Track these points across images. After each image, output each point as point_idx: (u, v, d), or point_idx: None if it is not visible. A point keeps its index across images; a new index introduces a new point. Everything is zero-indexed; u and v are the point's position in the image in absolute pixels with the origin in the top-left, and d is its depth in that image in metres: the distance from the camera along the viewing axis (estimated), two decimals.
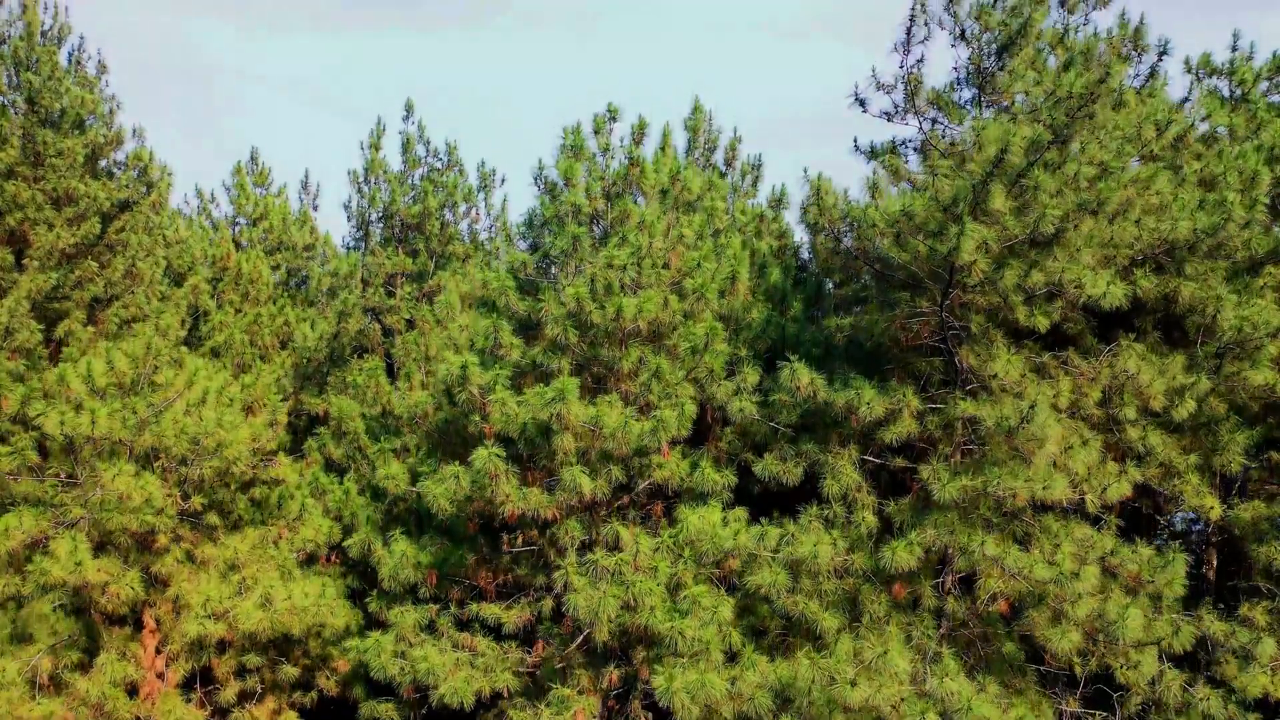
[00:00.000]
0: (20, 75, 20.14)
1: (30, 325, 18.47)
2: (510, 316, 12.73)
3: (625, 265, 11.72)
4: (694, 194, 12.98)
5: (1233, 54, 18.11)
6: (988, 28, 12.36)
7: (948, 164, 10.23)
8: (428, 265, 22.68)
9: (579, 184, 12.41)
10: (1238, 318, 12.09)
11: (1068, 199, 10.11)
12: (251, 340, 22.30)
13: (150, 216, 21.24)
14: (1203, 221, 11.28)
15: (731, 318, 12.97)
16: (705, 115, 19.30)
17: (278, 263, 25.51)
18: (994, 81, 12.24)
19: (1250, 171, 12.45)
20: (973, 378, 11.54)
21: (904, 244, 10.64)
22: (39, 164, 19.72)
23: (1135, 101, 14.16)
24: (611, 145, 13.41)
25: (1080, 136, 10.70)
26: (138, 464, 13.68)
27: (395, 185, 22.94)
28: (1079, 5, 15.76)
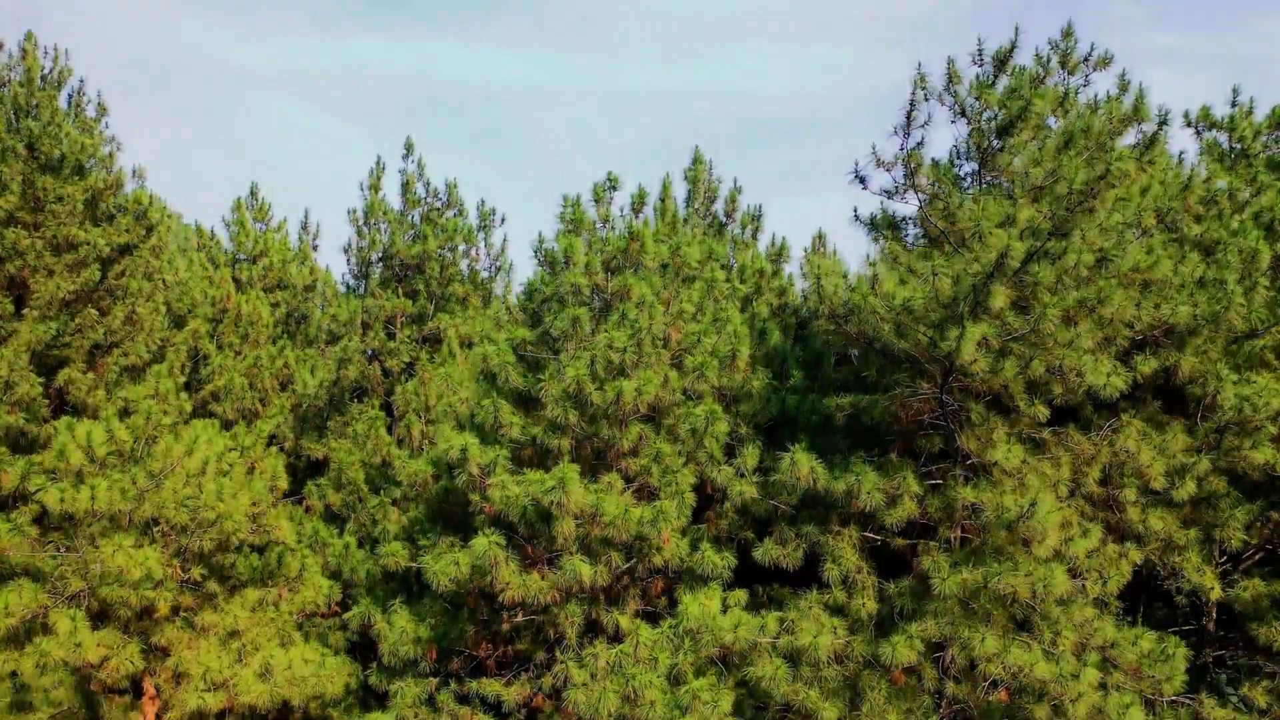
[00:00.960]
0: (20, 122, 20.18)
1: (30, 378, 18.48)
2: (510, 392, 12.73)
3: (625, 348, 11.72)
4: (693, 267, 12.98)
5: (1232, 109, 18.15)
6: (987, 105, 12.36)
7: (947, 265, 10.22)
8: (427, 307, 22.68)
9: (579, 261, 12.41)
10: (1238, 397, 12.09)
11: (1068, 296, 10.11)
12: (251, 383, 22.32)
13: (150, 261, 21.26)
14: (1203, 308, 11.29)
15: (732, 394, 12.97)
16: (705, 165, 19.31)
17: (278, 300, 25.49)
18: (995, 160, 12.24)
19: (1250, 249, 12.46)
20: (973, 459, 11.55)
21: (904, 334, 10.65)
22: (39, 209, 19.73)
23: (1135, 169, 14.18)
24: (611, 216, 13.41)
25: (1081, 224, 10.70)
26: (138, 532, 13.69)
27: (395, 226, 22.95)
28: (1079, 66, 15.80)
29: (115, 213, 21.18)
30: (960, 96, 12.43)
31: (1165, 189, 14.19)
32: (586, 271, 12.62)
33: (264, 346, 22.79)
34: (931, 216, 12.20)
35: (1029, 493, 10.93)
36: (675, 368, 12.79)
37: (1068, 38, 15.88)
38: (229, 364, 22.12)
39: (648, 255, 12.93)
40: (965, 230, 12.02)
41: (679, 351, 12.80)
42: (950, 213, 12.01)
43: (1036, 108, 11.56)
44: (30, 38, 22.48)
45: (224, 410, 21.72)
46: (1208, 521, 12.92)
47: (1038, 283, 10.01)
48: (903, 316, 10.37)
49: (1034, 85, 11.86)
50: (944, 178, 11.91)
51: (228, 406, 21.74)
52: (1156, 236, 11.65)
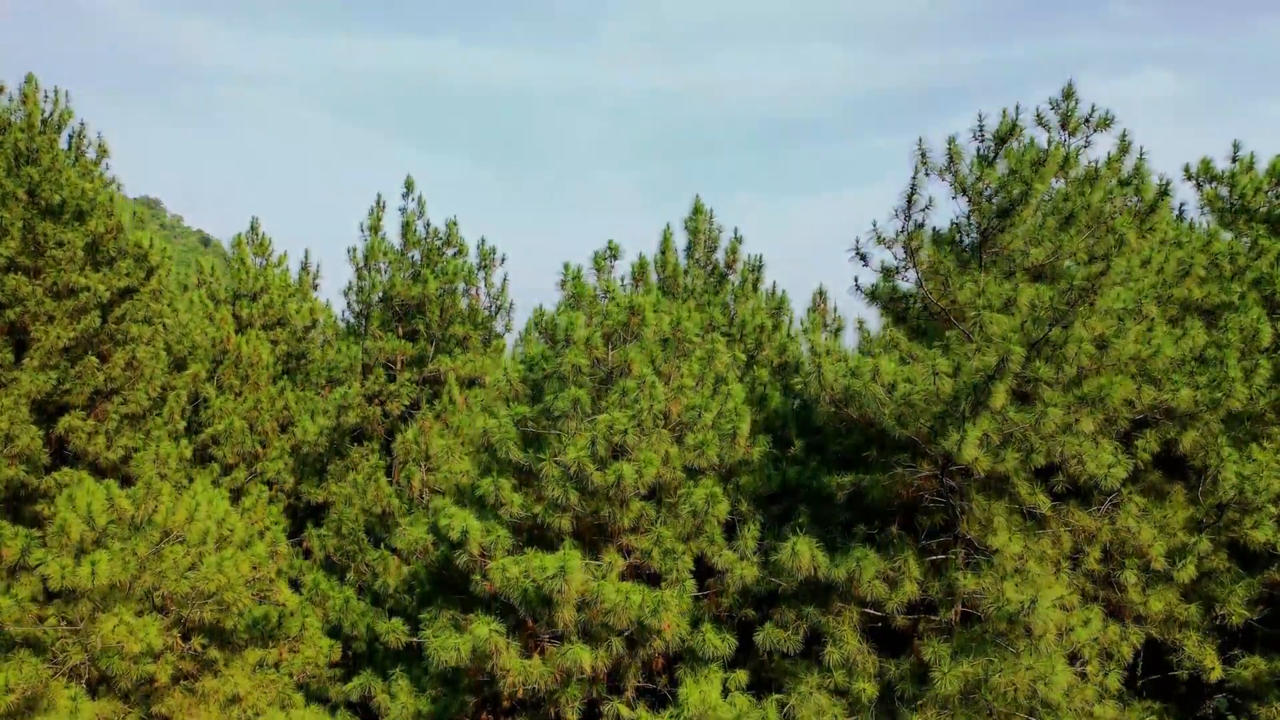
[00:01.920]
0: (21, 168, 20.16)
1: (30, 430, 18.48)
2: (511, 465, 12.73)
3: (626, 429, 11.71)
4: (693, 342, 12.98)
5: (1233, 164, 18.15)
6: (988, 184, 12.36)
7: (947, 361, 10.22)
8: (427, 349, 22.67)
9: (579, 337, 12.40)
10: (1238, 476, 12.09)
11: (1069, 393, 10.11)
12: (251, 426, 22.30)
13: (150, 304, 21.25)
14: (1204, 394, 11.29)
15: (732, 466, 12.97)
16: (706, 215, 19.29)
17: (277, 338, 25.49)
18: (996, 238, 12.24)
19: (1251, 327, 12.46)
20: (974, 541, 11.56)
21: (905, 424, 10.64)
22: (40, 254, 19.72)
23: (1135, 238, 14.17)
24: (613, 287, 13.40)
25: (1082, 314, 10.70)
26: (138, 602, 13.70)
27: (395, 268, 22.95)
28: (1080, 128, 15.80)
29: (116, 256, 21.16)
30: (961, 175, 12.43)
31: (1166, 258, 14.21)
32: (587, 346, 12.61)
33: (264, 389, 22.77)
34: (932, 295, 12.20)
35: (1030, 581, 10.94)
36: (676, 442, 12.79)
37: (1068, 99, 15.91)
38: (229, 407, 22.11)
39: (648, 328, 12.92)
40: (966, 310, 12.03)
41: (679, 425, 12.80)
42: (951, 294, 12.00)
43: (1037, 191, 11.55)
44: (31, 80, 22.50)
45: (224, 454, 21.71)
46: (1208, 595, 12.93)
47: (1038, 379, 10.00)
48: (903, 409, 10.36)
49: (1035, 167, 11.85)
50: (945, 258, 11.91)
51: (228, 450, 21.73)
52: (1158, 320, 11.64)
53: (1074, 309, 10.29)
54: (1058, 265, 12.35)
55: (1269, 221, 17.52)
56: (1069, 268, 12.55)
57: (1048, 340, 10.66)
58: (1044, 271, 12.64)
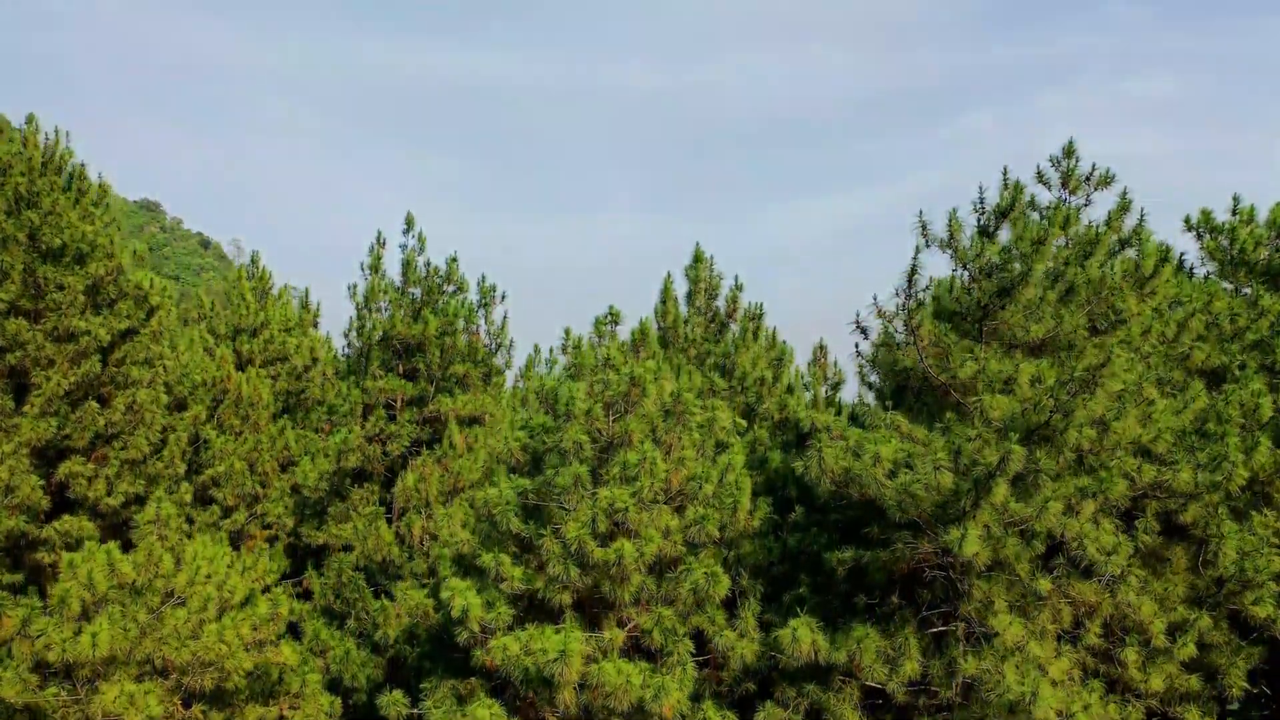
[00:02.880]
0: (23, 212, 20.15)
1: (31, 480, 18.50)
2: (511, 536, 12.75)
3: (627, 507, 11.73)
4: (694, 414, 12.99)
5: (1233, 216, 18.16)
6: (988, 259, 12.37)
7: (947, 456, 10.24)
8: (428, 389, 22.67)
9: (580, 410, 12.40)
10: (1239, 552, 12.10)
11: (1070, 483, 10.13)
12: (252, 467, 22.30)
13: (150, 346, 21.24)
14: (1204, 476, 11.30)
15: (734, 540, 12.99)
16: (707, 263, 19.33)
17: (277, 372, 25.50)
18: (996, 314, 12.25)
19: (1251, 403, 12.47)
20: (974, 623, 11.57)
21: (906, 510, 10.66)
22: (40, 297, 19.73)
23: (1136, 304, 14.18)
24: (614, 355, 13.40)
25: (1082, 401, 10.71)
26: (139, 667, 13.71)
27: (395, 307, 22.94)
28: (1080, 186, 15.81)
29: (116, 298, 21.16)
30: (961, 248, 12.44)
31: (1167, 322, 14.23)
32: (588, 417, 12.62)
33: (265, 429, 22.77)
34: (933, 370, 12.21)
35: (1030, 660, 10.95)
36: (677, 511, 12.81)
37: (1069, 156, 15.93)
38: (229, 448, 22.10)
39: (649, 399, 12.92)
40: (967, 386, 12.05)
41: (680, 495, 12.81)
42: (952, 369, 12.02)
43: (1037, 272, 11.56)
44: (32, 121, 22.50)
45: (224, 496, 21.71)
46: (1209, 665, 12.94)
47: (1039, 470, 10.02)
48: (904, 497, 10.38)
49: (1035, 246, 11.86)
50: (946, 335, 11.92)
51: (228, 492, 21.73)
52: (1158, 400, 11.65)
53: (1075, 398, 10.30)
54: (1059, 338, 12.36)
55: (1269, 274, 17.54)
56: (1070, 340, 12.55)
57: (1048, 423, 10.67)
58: (1046, 343, 12.65)
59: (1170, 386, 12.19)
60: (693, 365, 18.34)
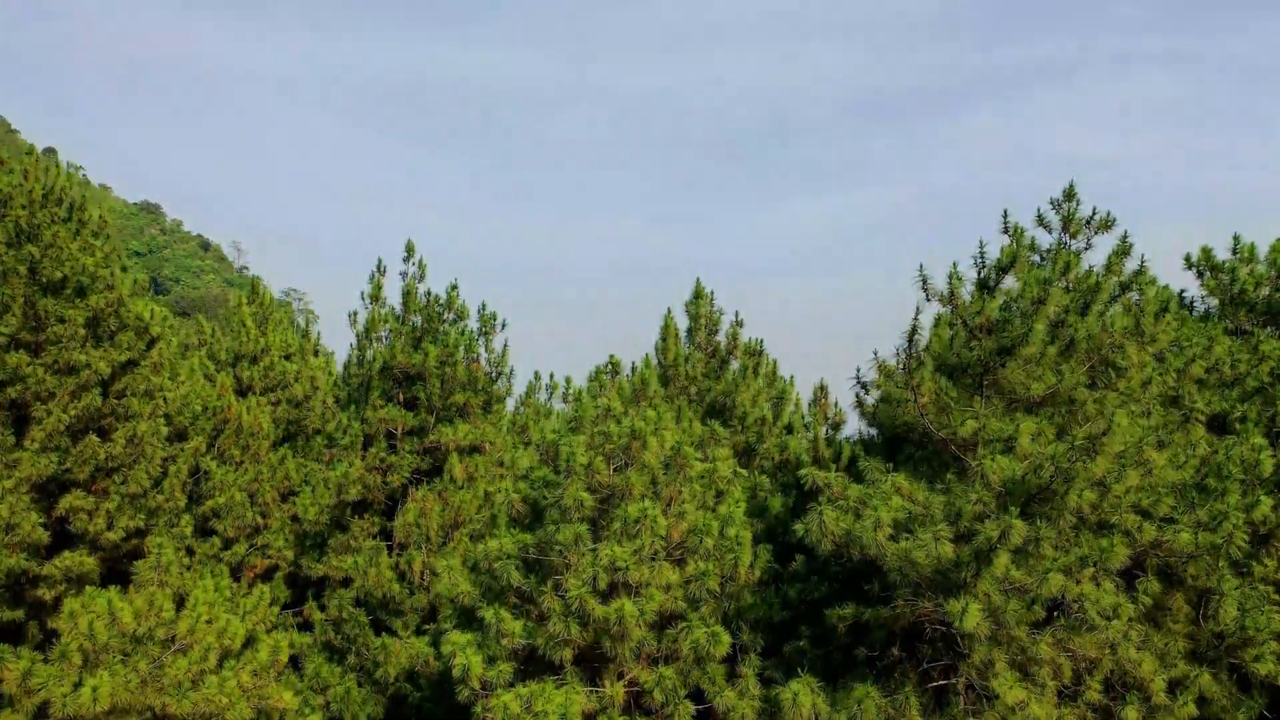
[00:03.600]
0: (23, 245, 20.15)
1: (31, 518, 18.52)
2: (512, 588, 12.76)
3: (627, 565, 11.74)
4: (695, 468, 13.00)
5: (1233, 255, 18.16)
6: (988, 316, 12.37)
7: (948, 528, 10.25)
8: (428, 420, 22.68)
9: (580, 465, 12.41)
10: (1239, 609, 12.10)
11: (1071, 553, 10.14)
12: (252, 498, 22.31)
13: (150, 378, 21.25)
14: (1205, 537, 11.31)
15: (735, 594, 13.01)
16: (707, 299, 19.34)
17: (278, 399, 25.52)
18: (996, 372, 12.25)
19: (1252, 459, 12.48)
20: None
21: (907, 574, 10.67)
22: (40, 330, 19.75)
23: (1136, 353, 14.17)
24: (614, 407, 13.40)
25: (1082, 465, 10.71)
26: (139, 717, 13.72)
27: (395, 337, 22.95)
28: (1081, 230, 15.81)
29: (116, 330, 21.17)
30: (962, 304, 12.44)
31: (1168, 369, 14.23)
32: (588, 471, 12.63)
33: (265, 460, 22.78)
34: (933, 426, 12.22)
35: None
36: (677, 564, 12.83)
37: (1070, 199, 15.94)
38: (230, 479, 22.11)
39: (649, 451, 12.93)
40: (966, 441, 12.06)
41: (681, 548, 12.82)
42: (953, 426, 12.02)
43: (1038, 333, 11.56)
44: (32, 151, 22.52)
45: (225, 528, 21.72)
46: (1210, 718, 12.95)
47: (1039, 538, 10.03)
48: (904, 563, 10.39)
49: (1035, 305, 11.86)
50: (947, 392, 11.93)
51: (228, 524, 21.73)
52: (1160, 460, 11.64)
53: (1075, 465, 10.31)
54: (1059, 393, 12.37)
55: (1270, 312, 17.55)
56: (1071, 395, 12.55)
57: (1049, 487, 10.68)
58: (1047, 398, 12.65)
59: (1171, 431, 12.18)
60: (694, 405, 18.36)
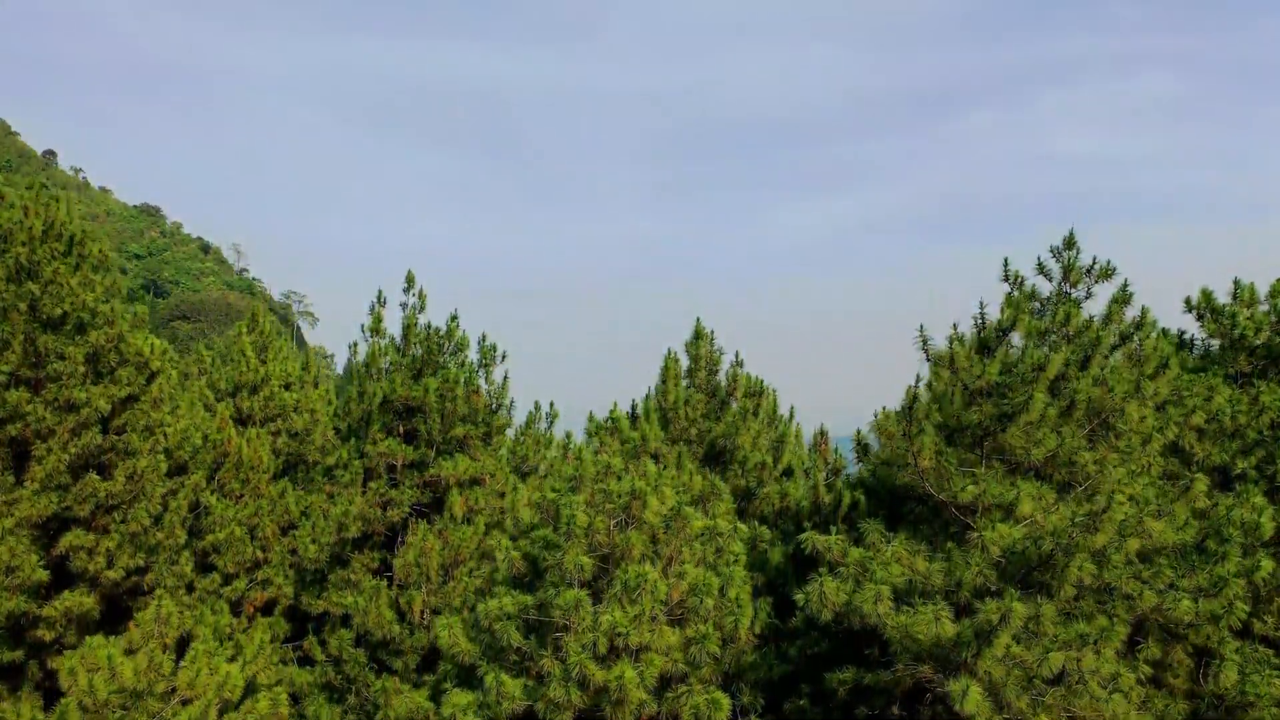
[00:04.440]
0: (23, 283, 20.17)
1: (31, 560, 18.54)
2: (512, 649, 12.76)
3: (628, 630, 11.74)
4: (696, 529, 13.00)
5: (1233, 300, 18.16)
6: (988, 381, 12.38)
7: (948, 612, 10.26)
8: (428, 454, 22.67)
9: (580, 527, 12.41)
10: (1240, 673, 12.09)
11: (1072, 629, 10.15)
12: (252, 533, 22.29)
13: (150, 413, 21.26)
14: (1205, 605, 11.31)
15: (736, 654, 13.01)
16: (708, 338, 19.35)
17: (278, 429, 25.51)
18: (996, 437, 12.25)
19: (1252, 521, 12.46)
20: None
21: (907, 647, 10.68)
22: (40, 366, 19.76)
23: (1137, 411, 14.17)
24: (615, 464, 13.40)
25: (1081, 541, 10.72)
26: None
27: (395, 370, 22.96)
28: (1081, 279, 15.82)
29: (116, 365, 21.19)
30: (962, 368, 12.44)
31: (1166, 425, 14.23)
32: (588, 532, 12.63)
33: (265, 494, 22.77)
34: (933, 490, 12.22)
35: None
36: (677, 623, 12.83)
37: (1070, 247, 15.94)
38: (229, 514, 22.09)
39: (649, 511, 12.93)
40: (966, 506, 12.06)
41: (681, 608, 12.82)
42: (953, 490, 12.03)
43: (1039, 401, 11.56)
44: (35, 185, 22.52)
45: (224, 564, 21.71)
46: None
47: (1040, 615, 10.04)
48: (904, 637, 10.40)
49: (1036, 370, 11.86)
50: (947, 459, 11.93)
51: (229, 560, 21.72)
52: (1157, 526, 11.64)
53: (1076, 541, 10.31)
54: (1059, 456, 12.37)
55: (1270, 357, 17.54)
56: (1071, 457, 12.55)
57: (1050, 559, 10.69)
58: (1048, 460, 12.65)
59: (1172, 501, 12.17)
60: (694, 447, 18.37)
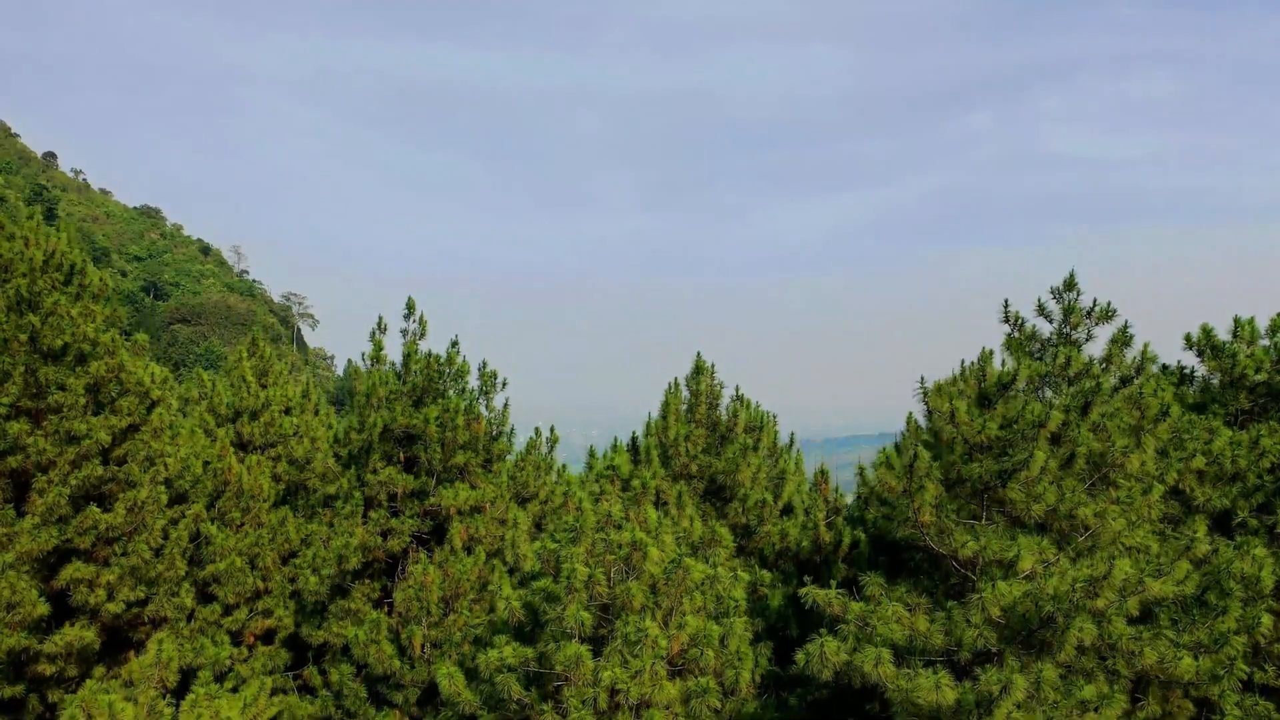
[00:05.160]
0: (24, 314, 20.17)
1: (32, 596, 18.58)
2: (512, 699, 12.77)
3: (628, 688, 11.75)
4: (697, 580, 13.00)
5: (1232, 339, 18.15)
6: (988, 437, 12.38)
7: (949, 678, 10.26)
8: (429, 483, 22.66)
9: (580, 580, 12.41)
10: None
11: (1073, 698, 10.16)
12: (253, 563, 22.30)
13: (151, 444, 21.27)
14: (1205, 663, 11.32)
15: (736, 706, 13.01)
16: (708, 373, 19.34)
17: (278, 455, 25.49)
18: (996, 492, 12.25)
19: (1253, 575, 12.47)
20: None
21: (908, 711, 10.68)
22: (41, 397, 19.78)
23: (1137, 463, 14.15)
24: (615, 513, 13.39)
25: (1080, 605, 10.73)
26: None
27: (396, 400, 22.95)
28: (1082, 322, 15.82)
29: (117, 396, 21.21)
30: (962, 421, 12.43)
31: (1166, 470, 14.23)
32: (589, 584, 12.63)
33: (266, 522, 22.79)
34: (934, 545, 12.23)
35: None
36: (677, 674, 12.84)
37: (1070, 289, 15.94)
38: (230, 544, 22.10)
39: (650, 562, 12.93)
40: (967, 561, 12.06)
41: (681, 658, 12.83)
42: (954, 546, 12.03)
43: (1038, 460, 11.56)
44: (35, 215, 22.53)
45: (225, 595, 21.73)
46: None
47: (1040, 679, 10.05)
48: (905, 701, 10.41)
49: (1036, 426, 11.86)
50: (947, 516, 11.93)
51: (229, 591, 21.73)
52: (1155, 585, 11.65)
53: (1077, 606, 10.33)
54: (1060, 511, 12.37)
55: (1270, 395, 17.54)
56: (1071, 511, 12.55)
57: (1050, 620, 10.70)
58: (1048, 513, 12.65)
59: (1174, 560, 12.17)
60: (695, 482, 18.37)
